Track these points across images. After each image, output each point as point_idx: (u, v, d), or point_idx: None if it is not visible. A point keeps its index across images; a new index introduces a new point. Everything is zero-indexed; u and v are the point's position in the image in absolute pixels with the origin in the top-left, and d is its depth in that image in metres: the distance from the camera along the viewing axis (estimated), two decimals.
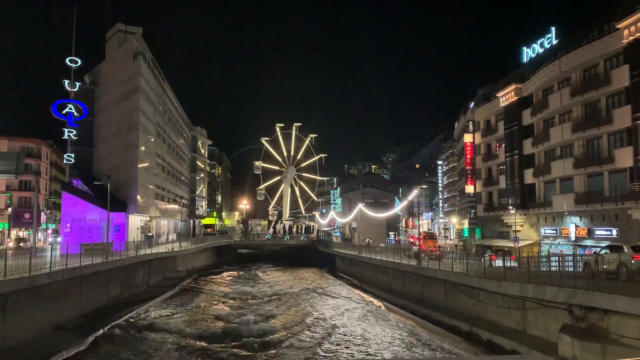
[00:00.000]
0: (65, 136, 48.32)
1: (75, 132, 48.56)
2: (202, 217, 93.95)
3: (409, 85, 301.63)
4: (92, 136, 55.68)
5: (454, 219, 72.57)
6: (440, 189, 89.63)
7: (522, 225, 45.20)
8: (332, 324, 29.36)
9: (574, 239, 37.36)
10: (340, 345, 24.47)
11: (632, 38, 31.97)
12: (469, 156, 56.79)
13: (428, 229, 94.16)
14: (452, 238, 74.71)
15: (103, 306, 30.70)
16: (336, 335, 26.56)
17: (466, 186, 57.28)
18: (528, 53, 44.46)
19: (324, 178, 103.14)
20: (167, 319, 30.37)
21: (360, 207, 70.09)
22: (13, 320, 20.63)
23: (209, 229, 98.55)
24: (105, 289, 31.93)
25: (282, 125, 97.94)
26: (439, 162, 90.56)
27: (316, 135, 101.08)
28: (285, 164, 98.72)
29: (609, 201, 34.27)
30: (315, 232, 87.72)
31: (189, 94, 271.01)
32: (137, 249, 39.85)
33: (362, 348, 23.73)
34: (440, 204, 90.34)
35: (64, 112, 47.87)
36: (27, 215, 71.38)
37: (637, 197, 31.69)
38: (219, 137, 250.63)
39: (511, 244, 42.83)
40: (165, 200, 64.31)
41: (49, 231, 67.10)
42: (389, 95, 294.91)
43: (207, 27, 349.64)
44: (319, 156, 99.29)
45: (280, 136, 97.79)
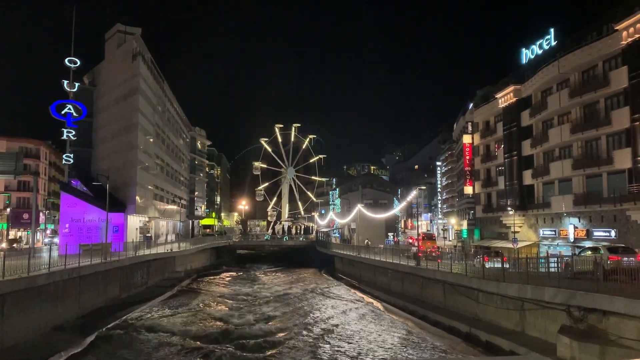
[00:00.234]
0: (64, 136, 48.28)
1: (74, 132, 48.52)
2: (201, 217, 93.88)
3: (408, 87, 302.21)
4: (91, 137, 55.66)
5: (453, 220, 72.60)
6: (439, 190, 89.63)
7: (520, 227, 45.24)
8: (331, 325, 29.36)
9: (572, 240, 37.40)
10: (339, 346, 24.47)
11: (630, 39, 32.04)
12: (467, 157, 56.83)
13: (427, 230, 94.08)
14: (451, 239, 74.69)
15: (102, 307, 30.67)
16: (335, 336, 26.56)
17: (465, 187, 57.33)
18: (527, 54, 44.51)
19: (323, 179, 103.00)
20: (166, 320, 30.34)
21: (359, 207, 70.10)
22: (12, 321, 20.61)
23: (208, 230, 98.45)
24: (104, 289, 31.90)
25: (281, 125, 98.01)
26: (438, 163, 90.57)
27: (315, 135, 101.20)
28: (284, 165, 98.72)
29: (608, 202, 34.31)
30: (314, 233, 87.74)
31: (188, 94, 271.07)
32: (136, 249, 39.84)
33: (361, 349, 23.73)
34: (439, 205, 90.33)
35: (63, 112, 47.86)
36: (25, 216, 71.29)
37: (636, 199, 31.74)
38: (218, 138, 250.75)
39: (510, 245, 42.86)
40: (164, 200, 64.27)
41: (48, 231, 67.00)
42: (388, 96, 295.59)
43: (206, 28, 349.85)
44: (318, 157, 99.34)
45: (279, 137, 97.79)
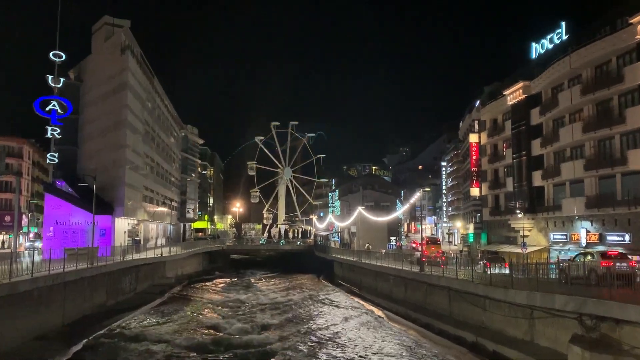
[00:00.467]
0: (49, 134, 48.20)
1: (59, 130, 48.44)
2: (193, 220, 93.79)
3: (411, 83, 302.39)
4: (77, 135, 55.54)
5: (459, 224, 72.69)
6: (444, 191, 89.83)
7: (530, 230, 45.30)
8: (329, 334, 29.37)
9: (584, 245, 37.43)
10: (337, 356, 24.48)
11: None
12: (474, 157, 56.94)
13: (431, 234, 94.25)
14: (456, 243, 74.80)
15: (88, 314, 30.65)
16: (334, 345, 26.57)
17: (471, 189, 57.41)
18: (537, 49, 44.58)
19: (322, 180, 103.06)
20: (156, 328, 30.32)
21: (360, 210, 70.12)
22: None
23: (200, 233, 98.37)
24: (90, 296, 31.87)
25: (278, 123, 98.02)
26: (443, 163, 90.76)
27: (314, 134, 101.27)
28: (280, 165, 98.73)
29: (622, 205, 34.36)
30: (312, 236, 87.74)
31: (182, 92, 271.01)
32: (124, 254, 39.80)
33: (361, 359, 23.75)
34: (444, 208, 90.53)
35: (47, 109, 47.75)
36: (7, 218, 71.25)
37: None
38: (211, 136, 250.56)
39: (519, 250, 42.91)
40: (154, 202, 64.23)
41: (31, 235, 66.88)
42: (391, 93, 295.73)
43: (204, 26, 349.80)
44: (316, 156, 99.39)
45: (275, 135, 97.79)
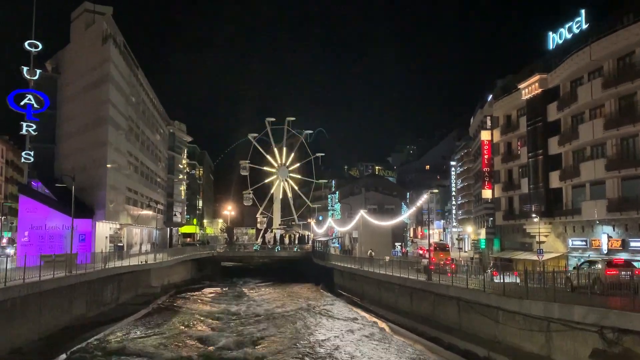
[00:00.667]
0: (24, 131, 48.15)
1: (34, 126, 48.42)
2: (181, 224, 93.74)
3: (418, 76, 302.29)
4: (55, 131, 55.49)
5: (469, 228, 72.69)
6: (454, 193, 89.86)
7: (546, 236, 45.30)
8: (328, 349, 29.34)
9: (605, 252, 37.43)
10: None
11: None
12: (486, 156, 56.94)
13: (439, 240, 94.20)
14: (467, 250, 74.79)
15: (66, 327, 30.58)
16: None
17: (483, 190, 57.41)
18: (554, 39, 44.59)
19: (321, 181, 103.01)
20: (140, 342, 30.27)
21: (362, 214, 70.11)
22: None
23: (189, 239, 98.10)
24: (68, 307, 31.79)
25: (273, 119, 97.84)
26: (452, 163, 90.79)
27: (312, 131, 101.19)
28: (276, 165, 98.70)
29: None
30: (310, 242, 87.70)
31: (166, 83, 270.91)
32: (106, 261, 39.78)
33: None
34: (454, 211, 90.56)
35: (22, 103, 47.72)
36: None
37: None
38: (200, 133, 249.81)
39: (534, 257, 42.91)
40: (138, 205, 64.19)
41: (4, 240, 66.72)
42: (396, 87, 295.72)
43: (186, 6, 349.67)
44: (315, 155, 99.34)
45: (270, 132, 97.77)
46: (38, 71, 49.87)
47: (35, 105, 48.36)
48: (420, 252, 66.67)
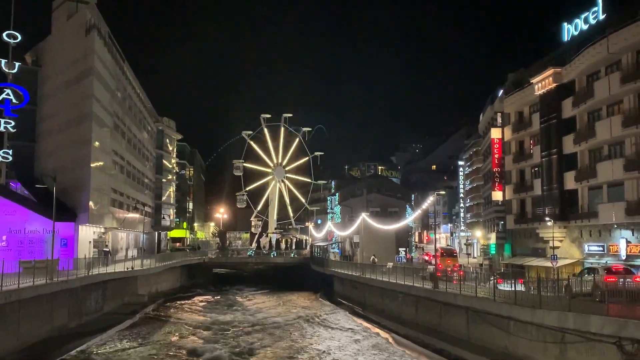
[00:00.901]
0: (1, 128, 48.09)
1: (13, 123, 48.34)
2: (170, 228, 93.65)
3: (424, 70, 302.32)
4: (35, 129, 55.47)
5: (478, 233, 72.76)
6: (462, 195, 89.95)
7: (561, 241, 45.35)
8: None
9: (624, 258, 37.50)
10: None
11: None
12: (496, 155, 57.01)
13: (447, 245, 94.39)
14: (475, 256, 74.86)
15: (47, 338, 30.57)
16: None
17: (493, 192, 57.46)
18: (569, 30, 44.64)
19: (320, 181, 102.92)
20: (125, 354, 30.29)
21: (364, 217, 70.13)
22: None
23: (178, 244, 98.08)
24: (49, 316, 31.76)
25: (269, 116, 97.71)
26: (460, 162, 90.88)
27: (310, 129, 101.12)
28: (272, 164, 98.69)
29: None
30: (308, 247, 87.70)
31: (154, 76, 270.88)
32: (89, 267, 39.72)
33: None
34: (462, 214, 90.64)
35: (0, 98, 47.70)
36: None
37: None
38: (190, 131, 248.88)
39: (548, 264, 42.95)
40: (124, 207, 64.15)
41: None
42: (401, 81, 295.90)
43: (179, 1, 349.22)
44: (313, 154, 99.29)
45: (266, 130, 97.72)
46: (17, 64, 49.81)
47: (14, 101, 48.29)
48: (426, 258, 66.77)
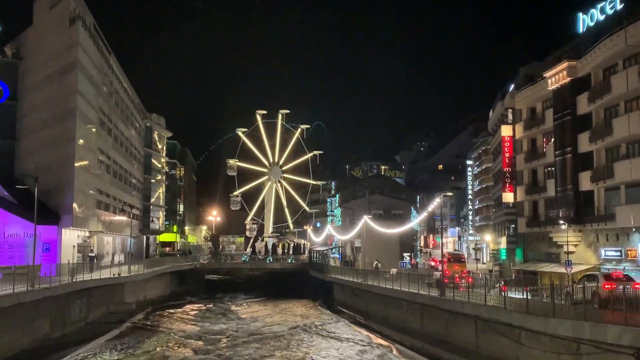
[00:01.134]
0: None
1: None
2: (159, 232, 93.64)
3: (430, 63, 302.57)
4: (15, 125, 55.42)
5: (488, 237, 72.75)
6: (470, 197, 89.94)
7: (576, 245, 45.35)
8: None
9: None
10: None
11: None
12: (507, 154, 57.01)
13: (454, 249, 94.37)
14: (485, 261, 74.87)
15: (28, 349, 30.56)
16: None
17: (503, 193, 57.45)
18: (585, 21, 44.65)
19: (319, 182, 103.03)
20: None
21: (366, 220, 70.14)
22: None
23: (168, 248, 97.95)
24: (30, 326, 31.71)
25: (265, 112, 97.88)
26: (469, 162, 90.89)
27: (309, 126, 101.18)
28: (268, 164, 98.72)
29: None
30: (307, 252, 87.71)
31: (142, 70, 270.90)
32: (73, 273, 39.66)
33: None
34: (470, 217, 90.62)
35: None
36: None
37: None
38: (181, 128, 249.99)
39: (562, 270, 42.89)
40: (111, 209, 64.14)
41: None
42: (405, 75, 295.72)
43: None
44: (312, 153, 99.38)
45: (262, 127, 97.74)
46: None
47: None
48: (432, 263, 66.67)
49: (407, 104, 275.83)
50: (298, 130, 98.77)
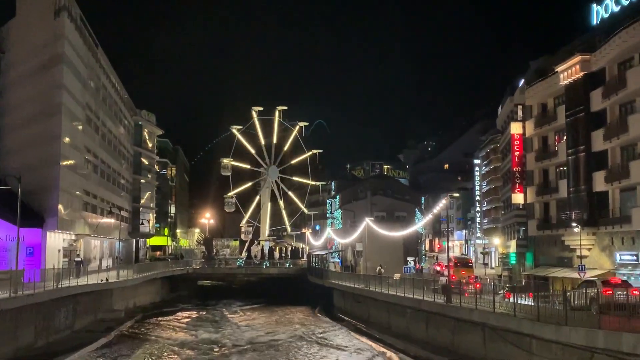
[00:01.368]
0: None
1: None
2: (149, 235, 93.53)
3: (435, 58, 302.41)
4: None
5: (497, 240, 72.80)
6: (478, 198, 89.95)
7: (589, 249, 45.38)
8: None
9: None
10: None
11: None
12: (517, 153, 57.01)
13: (461, 253, 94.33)
14: (493, 266, 74.89)
15: (10, 359, 30.41)
16: None
17: (513, 194, 57.45)
18: (599, 12, 44.70)
19: (318, 182, 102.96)
20: None
21: (368, 222, 70.15)
22: None
23: (159, 252, 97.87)
24: (13, 334, 31.67)
25: (261, 108, 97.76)
26: (476, 161, 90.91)
27: (308, 123, 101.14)
28: (264, 163, 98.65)
29: None
30: (305, 256, 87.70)
31: (132, 64, 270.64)
32: (59, 279, 39.63)
33: None
34: (478, 219, 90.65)
35: None
36: None
37: None
38: (173, 126, 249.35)
39: (575, 275, 42.97)
40: (98, 211, 64.11)
41: None
42: (409, 70, 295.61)
43: None
44: (311, 152, 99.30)
45: (258, 124, 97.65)
46: None
47: None
48: (438, 268, 66.71)
49: (411, 100, 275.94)
50: (296, 128, 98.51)
